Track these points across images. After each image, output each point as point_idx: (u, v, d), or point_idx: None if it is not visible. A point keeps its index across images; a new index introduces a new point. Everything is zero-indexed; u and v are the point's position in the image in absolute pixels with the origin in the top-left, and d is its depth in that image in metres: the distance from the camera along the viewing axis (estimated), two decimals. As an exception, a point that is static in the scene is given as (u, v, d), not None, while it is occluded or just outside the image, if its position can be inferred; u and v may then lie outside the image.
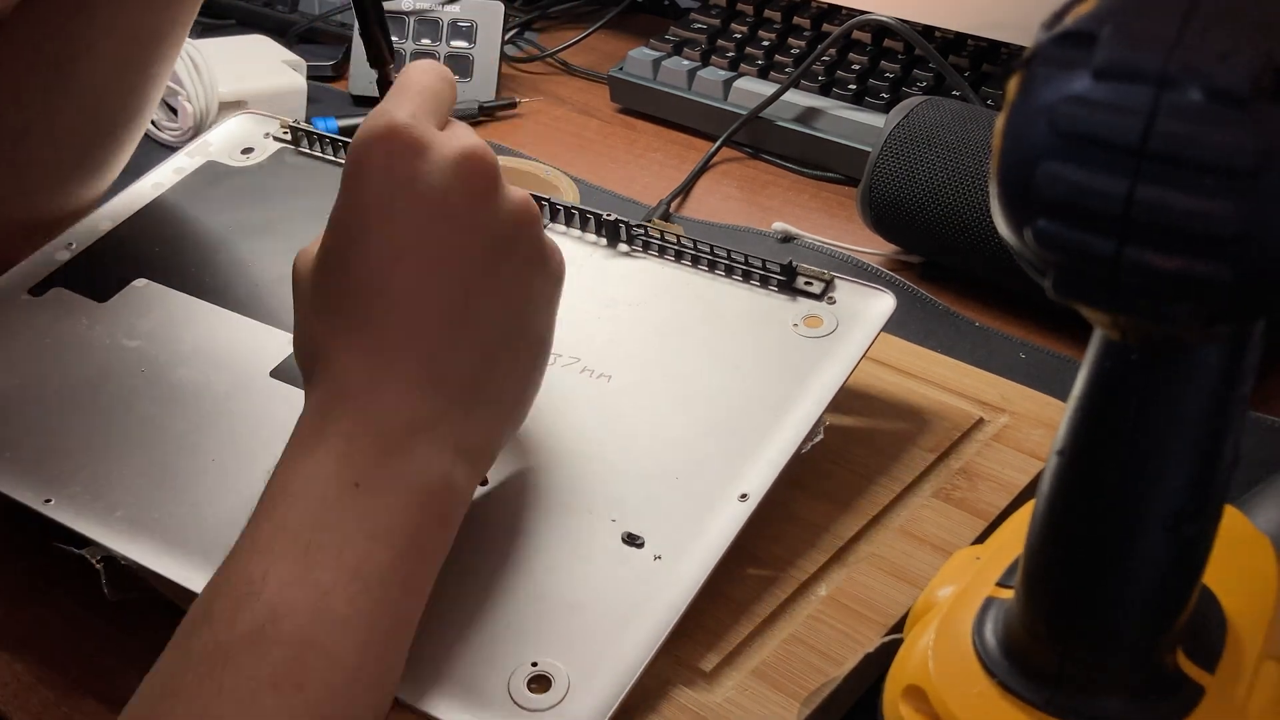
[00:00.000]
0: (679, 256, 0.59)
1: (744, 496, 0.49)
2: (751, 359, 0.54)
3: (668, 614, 0.45)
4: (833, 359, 0.53)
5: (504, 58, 1.00)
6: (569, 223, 0.62)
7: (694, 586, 0.46)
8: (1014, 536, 0.43)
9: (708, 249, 0.59)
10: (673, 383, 0.54)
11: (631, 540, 0.48)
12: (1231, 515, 0.41)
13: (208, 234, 0.65)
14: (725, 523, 0.48)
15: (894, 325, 0.55)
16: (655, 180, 0.87)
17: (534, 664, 0.44)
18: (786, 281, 0.57)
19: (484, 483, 0.50)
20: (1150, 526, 0.34)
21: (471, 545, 0.48)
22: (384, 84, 0.54)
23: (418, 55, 0.97)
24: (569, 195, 0.71)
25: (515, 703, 0.43)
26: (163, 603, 0.50)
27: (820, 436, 0.52)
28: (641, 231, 0.60)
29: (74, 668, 0.50)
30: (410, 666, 0.44)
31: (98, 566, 0.49)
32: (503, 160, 0.79)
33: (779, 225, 0.79)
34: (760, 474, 0.49)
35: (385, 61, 0.55)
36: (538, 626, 0.46)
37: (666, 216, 0.81)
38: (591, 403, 0.54)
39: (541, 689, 0.44)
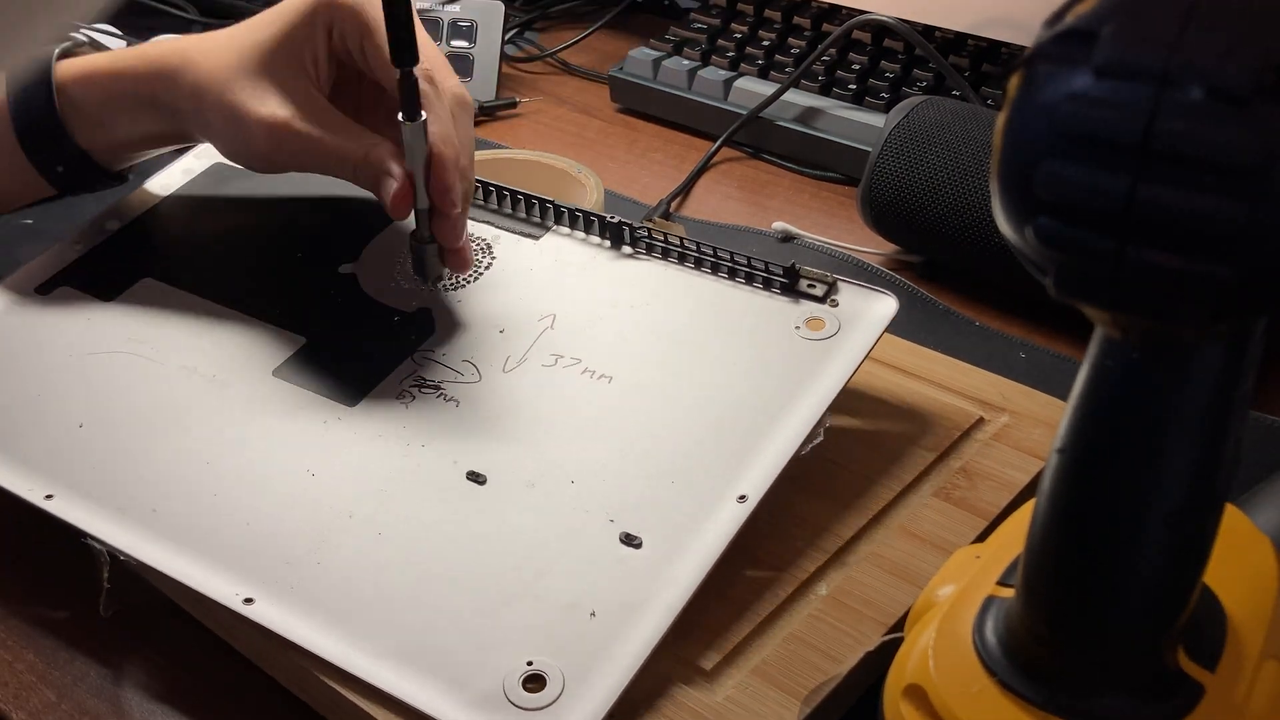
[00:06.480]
0: (682, 259, 0.59)
1: (743, 498, 0.49)
2: (753, 361, 0.54)
3: (664, 614, 0.45)
4: (834, 361, 0.53)
5: (504, 57, 1.00)
6: (574, 225, 0.62)
7: (690, 587, 0.46)
8: (1014, 535, 0.43)
9: (711, 251, 0.59)
10: (674, 385, 0.54)
11: (629, 540, 0.48)
12: (1232, 514, 0.41)
13: (213, 234, 0.65)
14: (723, 524, 0.48)
15: (894, 325, 0.55)
16: (655, 180, 0.87)
17: (529, 663, 0.44)
18: (789, 284, 0.57)
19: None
20: (1151, 525, 0.34)
21: (470, 545, 0.48)
22: (406, 83, 0.53)
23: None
24: (595, 193, 0.71)
25: (510, 701, 0.43)
26: (160, 603, 0.50)
27: (820, 438, 0.52)
28: (645, 234, 0.60)
29: (74, 668, 0.50)
30: (407, 664, 0.44)
31: (104, 564, 0.49)
32: (534, 155, 0.78)
33: (779, 225, 0.79)
34: (759, 475, 0.50)
35: (410, 62, 0.52)
36: (534, 626, 0.46)
37: (667, 216, 0.81)
38: (592, 404, 0.54)
39: (536, 688, 0.44)
